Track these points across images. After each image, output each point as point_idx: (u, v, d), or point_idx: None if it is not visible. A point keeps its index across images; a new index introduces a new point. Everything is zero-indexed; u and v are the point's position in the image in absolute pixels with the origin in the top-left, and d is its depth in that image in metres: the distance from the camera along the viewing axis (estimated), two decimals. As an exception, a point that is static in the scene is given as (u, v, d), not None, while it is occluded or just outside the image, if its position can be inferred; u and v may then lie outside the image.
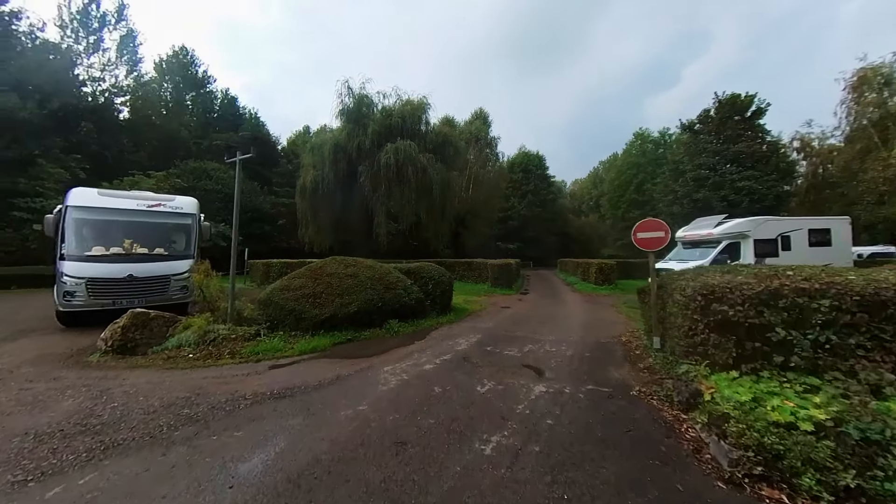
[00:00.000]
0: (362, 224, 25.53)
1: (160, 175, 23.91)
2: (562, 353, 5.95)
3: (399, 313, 8.30)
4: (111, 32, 30.24)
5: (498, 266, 16.09)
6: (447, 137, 26.47)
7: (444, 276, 10.01)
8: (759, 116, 26.30)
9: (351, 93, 24.10)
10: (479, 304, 12.13)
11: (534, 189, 41.38)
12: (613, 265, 16.35)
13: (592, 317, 9.60)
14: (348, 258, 9.07)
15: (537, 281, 22.36)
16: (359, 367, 5.34)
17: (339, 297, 7.57)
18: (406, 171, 22.54)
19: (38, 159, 21.08)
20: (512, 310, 11.08)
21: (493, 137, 34.24)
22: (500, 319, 9.31)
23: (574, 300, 13.32)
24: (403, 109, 24.91)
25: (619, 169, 40.30)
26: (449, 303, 10.26)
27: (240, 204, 7.68)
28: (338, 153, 23.43)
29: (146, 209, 9.24)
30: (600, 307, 11.43)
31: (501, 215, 39.70)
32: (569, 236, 49.99)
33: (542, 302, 12.89)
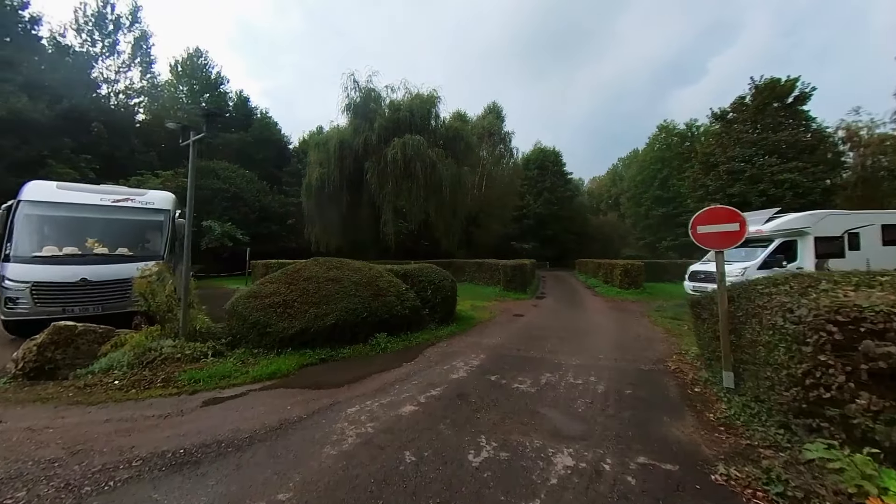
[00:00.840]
0: (370, 223, 24.37)
1: (167, 174, 23.38)
2: (591, 389, 4.38)
3: (390, 325, 6.89)
4: (125, 35, 30.17)
5: (511, 267, 14.51)
6: (458, 132, 25.00)
7: (446, 279, 8.55)
8: (802, 102, 23.67)
9: (357, 87, 22.97)
10: (488, 311, 10.60)
11: (550, 186, 39.36)
12: (641, 266, 14.50)
13: (624, 330, 7.94)
14: (333, 259, 7.74)
15: (554, 283, 20.60)
16: (316, 407, 3.94)
17: (316, 307, 6.21)
18: (414, 167, 21.20)
19: (48, 160, 20.79)
20: (526, 319, 9.50)
21: (507, 132, 32.52)
22: (510, 332, 7.77)
23: (598, 307, 11.61)
24: (412, 103, 23.58)
25: (642, 164, 37.83)
26: (452, 311, 8.79)
27: (194, 192, 6.41)
28: (343, 149, 22.31)
29: (111, 204, 8.16)
30: (630, 316, 9.71)
31: (516, 214, 37.90)
32: (587, 236, 47.59)
33: (560, 309, 11.24)
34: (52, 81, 22.86)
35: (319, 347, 5.95)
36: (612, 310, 10.91)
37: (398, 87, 24.03)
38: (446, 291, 8.36)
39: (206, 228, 22.44)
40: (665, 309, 10.63)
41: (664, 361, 5.49)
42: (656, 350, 6.21)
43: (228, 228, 23.15)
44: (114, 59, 29.63)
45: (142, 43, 30.69)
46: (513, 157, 32.83)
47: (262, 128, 34.70)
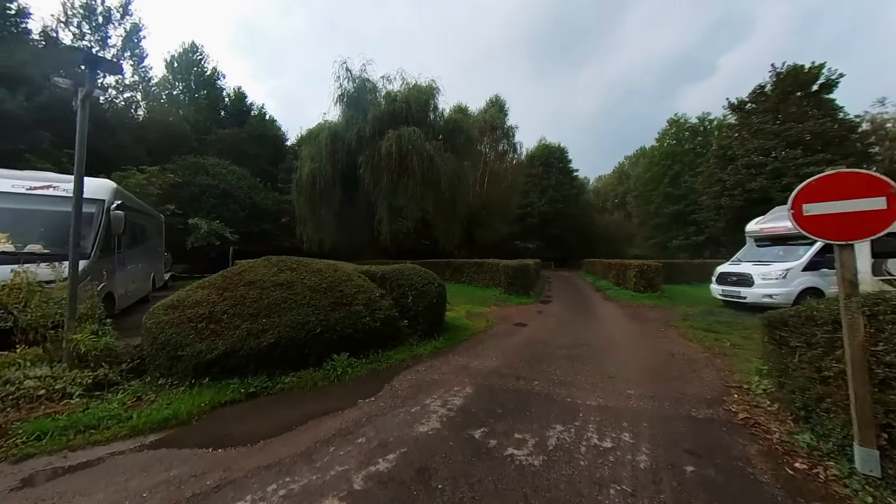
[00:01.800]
0: (365, 222, 22.86)
1: (152, 170, 22.04)
2: (629, 461, 2.79)
3: (354, 342, 5.35)
4: (116, 28, 29.04)
5: (513, 268, 12.92)
6: (458, 124, 23.42)
7: (431, 283, 6.98)
8: (829, 90, 21.79)
9: (350, 76, 21.49)
10: (485, 318, 9.03)
11: (555, 184, 37.64)
12: (658, 267, 12.82)
13: (652, 347, 6.32)
14: (291, 258, 6.22)
15: (561, 285, 18.94)
16: (189, 493, 2.42)
17: (251, 321, 4.69)
18: (410, 161, 19.65)
19: (26, 154, 19.56)
20: (528, 330, 7.91)
21: (510, 126, 30.83)
22: (509, 350, 6.19)
23: (612, 314, 9.98)
24: (409, 94, 22.04)
25: (652, 160, 35.98)
26: (439, 321, 7.22)
27: (83, 166, 4.94)
28: (336, 143, 20.85)
29: (26, 193, 6.72)
30: (653, 327, 8.08)
31: (520, 212, 36.22)
32: (593, 235, 45.76)
33: (569, 317, 9.62)
34: (36, 74, 21.70)
35: (252, 375, 4.43)
36: (630, 318, 9.27)
37: (394, 78, 22.53)
38: (431, 297, 6.80)
39: (192, 226, 21.09)
40: (692, 317, 8.97)
41: (723, 402, 3.86)
42: (703, 379, 4.59)
43: (216, 227, 21.78)
44: (104, 52, 28.55)
45: (133, 36, 29.54)
46: (516, 152, 31.21)
47: (257, 124, 33.45)
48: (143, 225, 10.40)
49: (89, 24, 27.80)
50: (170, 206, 21.32)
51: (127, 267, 8.59)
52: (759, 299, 9.16)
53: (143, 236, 10.36)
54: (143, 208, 10.71)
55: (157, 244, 12.69)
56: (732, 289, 9.93)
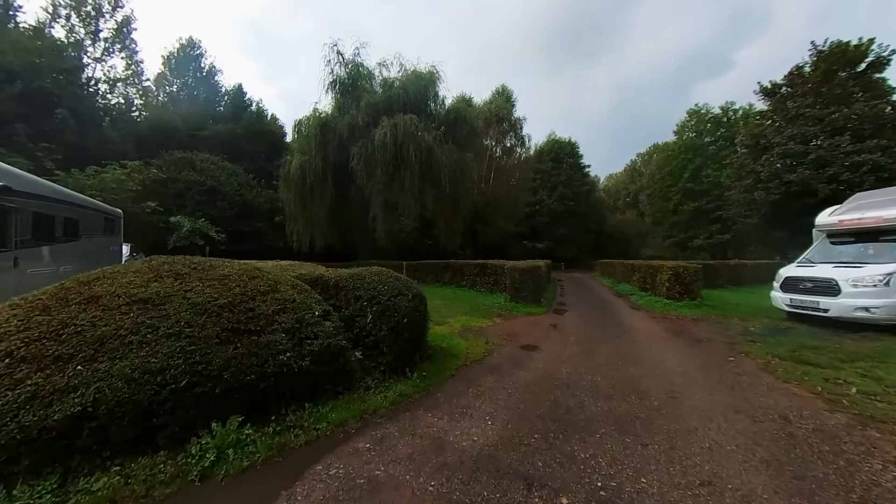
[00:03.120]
0: (360, 219, 20.87)
1: (134, 164, 20.40)
2: None
3: (259, 395, 3.25)
4: (107, 21, 27.65)
5: (520, 271, 10.69)
6: (460, 113, 21.27)
7: (402, 294, 4.82)
8: (880, 69, 19.04)
9: (342, 60, 19.53)
10: (484, 337, 6.85)
11: (566, 180, 35.18)
12: (698, 270, 10.43)
13: (740, 398, 3.99)
14: (182, 259, 4.13)
15: (575, 289, 16.61)
16: None
17: (51, 369, 2.62)
18: (406, 152, 17.59)
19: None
20: (542, 358, 5.68)
21: (517, 118, 28.54)
22: (514, 402, 3.96)
23: (650, 330, 7.68)
24: (407, 81, 20.00)
25: (670, 155, 33.24)
26: (415, 348, 5.03)
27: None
28: (326, 133, 18.90)
29: None
30: (716, 352, 5.77)
31: (528, 210, 33.89)
32: (605, 235, 43.12)
33: (594, 334, 7.37)
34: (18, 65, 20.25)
35: (33, 473, 2.35)
36: (676, 336, 6.97)
37: (391, 63, 20.52)
38: (400, 315, 4.62)
39: (174, 225, 19.36)
40: (761, 337, 6.64)
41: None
42: (890, 492, 2.35)
43: (200, 225, 20.05)
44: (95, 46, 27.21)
45: (124, 29, 28.13)
46: (524, 145, 28.84)
47: (254, 119, 31.81)
48: (71, 219, 8.51)
49: (78, 15, 26.42)
50: (150, 204, 19.66)
51: (28, 270, 6.67)
52: (850, 313, 6.80)
53: (71, 232, 8.47)
54: (73, 199, 8.82)
55: (108, 242, 10.83)
56: (807, 298, 7.55)
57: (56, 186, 8.01)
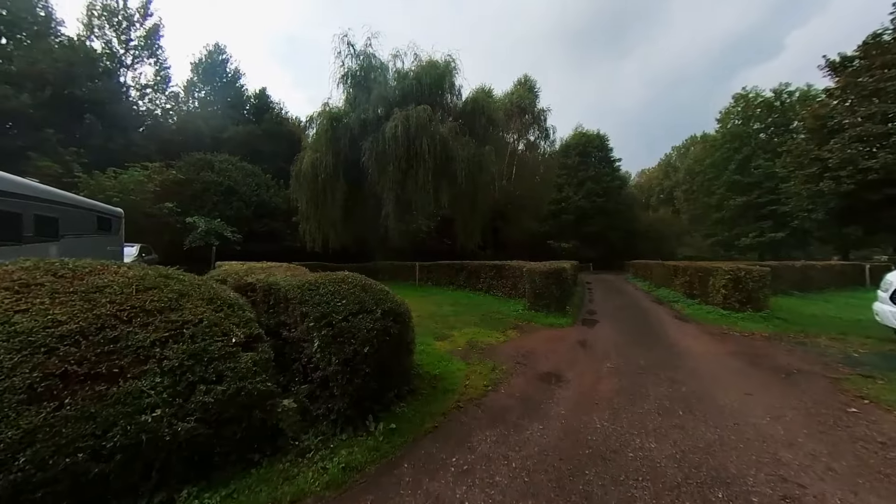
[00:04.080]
0: (373, 218, 19.83)
1: (154, 166, 20.43)
2: None
3: (107, 484, 1.99)
4: (137, 29, 28.39)
5: (541, 274, 9.06)
6: (478, 103, 19.76)
7: (370, 312, 3.43)
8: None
9: (353, 52, 18.54)
10: (491, 360, 5.36)
11: (594, 175, 32.69)
12: (765, 274, 8.37)
13: None
14: (73, 263, 2.98)
15: (606, 293, 14.66)
16: None
17: None
18: (419, 146, 16.33)
19: (29, 152, 18.49)
20: (568, 397, 4.11)
21: (541, 109, 26.51)
22: (516, 496, 2.50)
23: (710, 353, 5.88)
24: (421, 72, 18.72)
25: (712, 145, 30.01)
26: (390, 383, 3.64)
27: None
28: (337, 129, 17.98)
29: None
30: (818, 391, 3.99)
31: (553, 208, 31.78)
32: (637, 233, 39.99)
33: (637, 359, 5.67)
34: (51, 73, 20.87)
35: None
36: (751, 366, 5.16)
37: (405, 53, 19.31)
38: (363, 341, 3.23)
39: (190, 225, 19.13)
40: (881, 370, 4.73)
41: None
42: None
43: (215, 225, 19.72)
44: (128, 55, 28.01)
45: (153, 36, 28.80)
46: (549, 138, 26.75)
47: (274, 121, 31.75)
48: (47, 217, 7.85)
49: (110, 25, 27.25)
50: (168, 204, 19.58)
51: None
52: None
53: (46, 232, 7.82)
54: (51, 196, 8.16)
55: (102, 242, 10.28)
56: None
57: (24, 181, 7.34)
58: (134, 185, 18.71)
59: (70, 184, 17.75)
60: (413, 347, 4.38)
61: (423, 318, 8.73)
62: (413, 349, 4.40)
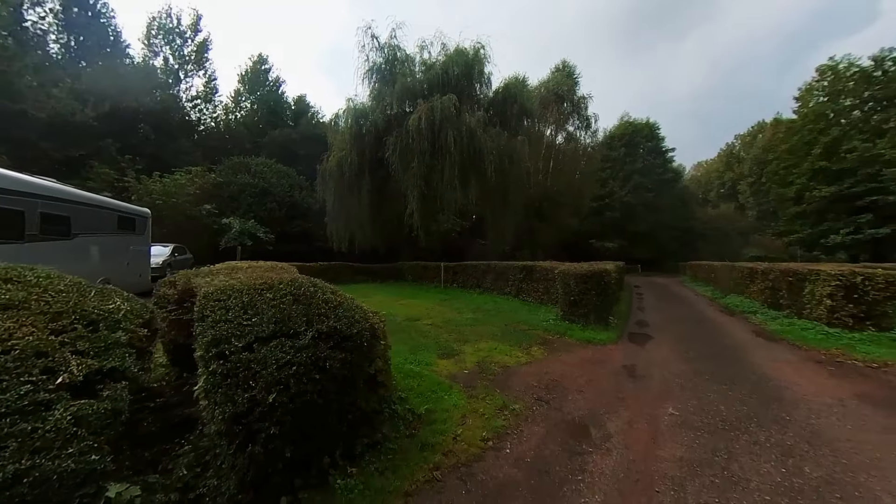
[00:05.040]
0: (401, 217, 19.00)
1: (197, 169, 21.33)
2: None
3: None
4: (188, 45, 30.21)
5: (577, 277, 7.42)
6: (510, 91, 18.18)
7: (297, 336, 2.25)
8: None
9: (377, 45, 17.78)
10: (502, 392, 3.98)
11: (642, 168, 29.50)
12: (893, 279, 6.11)
13: None
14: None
15: (659, 300, 12.47)
16: None
17: None
18: (445, 138, 15.15)
19: (90, 160, 19.99)
20: (603, 482, 2.67)
21: (581, 97, 24.08)
22: None
23: (844, 405, 4.01)
24: (448, 61, 17.53)
25: (791, 127, 25.65)
26: (331, 442, 2.45)
27: None
28: (361, 125, 17.33)
29: None
30: None
31: (596, 205, 29.08)
32: (693, 231, 35.70)
33: (715, 405, 3.97)
34: (112, 88, 22.59)
35: None
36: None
37: (431, 43, 18.24)
38: (273, 381, 2.08)
39: (225, 226, 19.56)
40: None
41: None
42: None
43: (249, 226, 20.01)
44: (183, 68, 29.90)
45: (203, 51, 30.51)
46: (590, 127, 24.25)
47: (310, 124, 32.32)
48: (56, 215, 7.71)
49: (166, 42, 29.22)
50: (206, 206, 20.24)
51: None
52: None
53: (56, 231, 7.68)
54: (62, 195, 8.03)
55: (124, 242, 10.26)
56: None
57: (28, 179, 7.20)
58: (176, 188, 19.54)
59: (121, 188, 18.96)
60: (385, 378, 3.18)
61: (437, 326, 7.53)
62: (386, 381, 3.20)
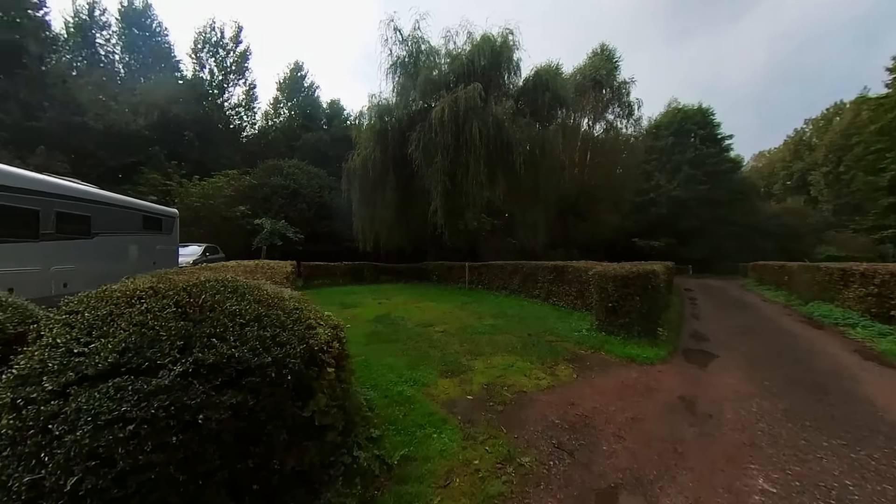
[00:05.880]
0: (424, 215, 18.29)
1: (233, 173, 22.09)
2: None
3: None
4: (230, 56, 31.70)
5: (617, 280, 6.13)
6: (540, 79, 16.78)
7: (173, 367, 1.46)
8: None
9: (400, 37, 17.15)
10: (510, 431, 2.95)
11: (694, 158, 26.50)
12: None
13: None
14: None
15: (719, 307, 10.59)
16: None
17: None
18: (469, 130, 14.20)
19: (140, 167, 21.34)
20: None
21: (622, 82, 21.85)
22: None
23: None
24: (474, 51, 16.52)
25: (882, 104, 21.68)
26: None
27: None
28: (385, 121, 16.83)
29: None
30: None
31: (639, 200, 26.56)
32: (755, 228, 31.61)
33: (849, 492, 2.70)
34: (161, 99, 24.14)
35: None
36: None
37: (456, 33, 17.33)
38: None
39: (258, 227, 19.97)
40: None
41: None
42: None
43: (279, 227, 20.29)
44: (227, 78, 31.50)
45: (243, 60, 31.92)
46: (632, 115, 21.93)
47: (341, 126, 32.69)
48: (75, 215, 7.74)
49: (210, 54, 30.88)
50: (241, 208, 20.81)
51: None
52: None
53: (75, 230, 7.72)
54: (82, 195, 8.08)
55: (150, 242, 10.39)
56: None
57: (43, 178, 7.23)
58: (213, 190, 20.28)
59: (164, 191, 20.02)
60: (335, 420, 2.31)
61: (450, 334, 6.60)
62: (336, 422, 2.33)
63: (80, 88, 21.05)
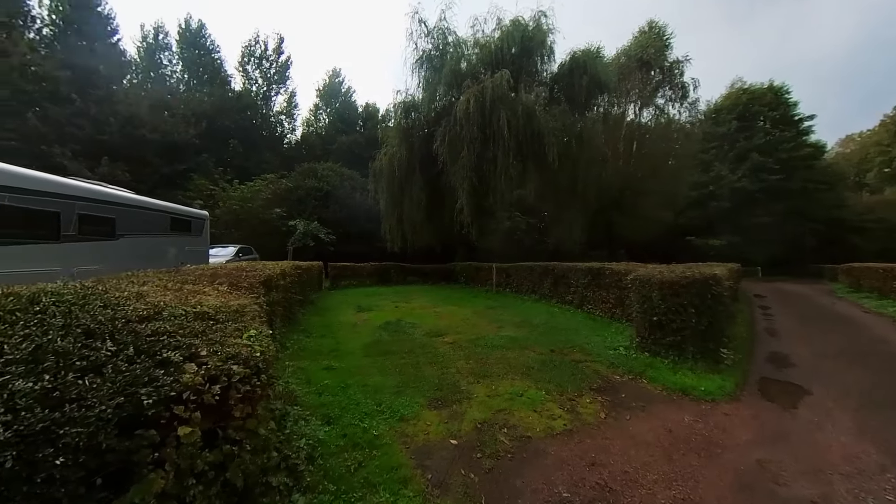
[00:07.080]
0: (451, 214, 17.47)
1: (270, 177, 22.91)
2: None
3: None
4: (273, 66, 33.24)
5: (665, 287, 4.84)
6: (577, 62, 15.22)
7: None
8: None
9: (425, 30, 16.43)
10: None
11: (763, 145, 22.96)
12: None
13: None
14: None
15: (804, 320, 8.57)
16: None
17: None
18: (496, 121, 13.14)
19: (190, 173, 22.84)
20: None
21: (674, 61, 19.28)
22: None
23: None
24: (503, 37, 15.38)
25: None
26: None
27: None
28: (411, 118, 16.26)
29: None
30: None
31: (696, 194, 23.58)
32: (843, 224, 26.81)
33: None
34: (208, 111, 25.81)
35: None
36: None
37: (485, 20, 16.27)
38: None
39: (292, 228, 20.44)
40: None
41: None
42: None
43: (312, 227, 20.62)
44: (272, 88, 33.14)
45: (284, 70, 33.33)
46: (686, 97, 19.21)
47: (375, 128, 32.94)
48: (99, 217, 7.93)
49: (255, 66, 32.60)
50: (277, 210, 21.46)
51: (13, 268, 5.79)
52: None
53: (99, 232, 7.92)
54: (105, 197, 8.27)
55: (178, 243, 10.67)
56: None
57: (64, 181, 7.41)
58: (251, 194, 21.11)
59: (209, 195, 21.19)
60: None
61: (458, 347, 5.71)
62: None
63: (142, 104, 23.01)
